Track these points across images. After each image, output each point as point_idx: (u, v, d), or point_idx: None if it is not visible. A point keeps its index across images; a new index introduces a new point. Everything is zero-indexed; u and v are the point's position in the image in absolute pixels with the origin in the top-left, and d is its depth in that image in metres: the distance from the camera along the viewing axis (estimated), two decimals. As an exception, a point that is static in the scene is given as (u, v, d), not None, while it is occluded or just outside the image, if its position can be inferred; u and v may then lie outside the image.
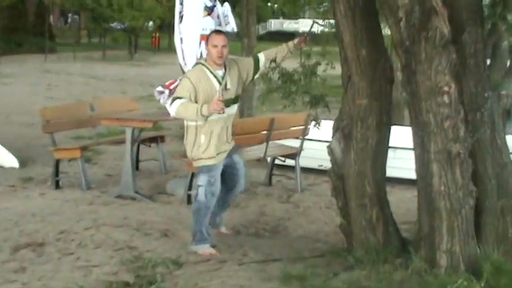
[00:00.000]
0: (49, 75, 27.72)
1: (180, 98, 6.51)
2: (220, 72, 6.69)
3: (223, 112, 6.44)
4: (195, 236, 6.79)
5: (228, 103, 6.58)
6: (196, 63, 6.94)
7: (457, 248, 5.23)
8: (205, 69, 6.66)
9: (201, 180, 6.71)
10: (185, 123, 6.79)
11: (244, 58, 7.31)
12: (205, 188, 6.68)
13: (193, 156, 6.75)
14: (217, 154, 6.70)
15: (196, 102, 6.51)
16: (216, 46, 6.63)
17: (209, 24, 8.72)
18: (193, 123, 6.63)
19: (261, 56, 7.11)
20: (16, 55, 36.33)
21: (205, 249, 6.75)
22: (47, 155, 10.53)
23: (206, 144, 6.63)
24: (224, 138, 6.78)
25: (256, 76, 7.09)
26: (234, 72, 6.82)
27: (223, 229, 7.43)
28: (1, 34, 35.60)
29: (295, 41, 7.16)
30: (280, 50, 7.17)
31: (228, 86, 6.70)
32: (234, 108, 6.91)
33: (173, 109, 6.55)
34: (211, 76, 6.62)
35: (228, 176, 6.97)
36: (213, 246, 6.78)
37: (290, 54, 7.15)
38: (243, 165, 7.16)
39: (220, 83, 6.62)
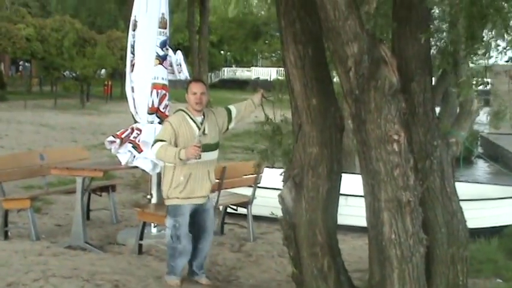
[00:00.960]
0: (-1, 124, 27.46)
1: (161, 140, 6.91)
2: (199, 119, 7.13)
3: (200, 157, 6.83)
4: (168, 268, 7.37)
5: (206, 148, 6.98)
6: (178, 110, 7.24)
7: (408, 296, 5.23)
8: (185, 115, 7.10)
9: (168, 222, 7.16)
10: (163, 164, 7.20)
11: (219, 108, 7.63)
12: (171, 231, 7.12)
13: (168, 195, 7.07)
14: (194, 197, 7.12)
15: (176, 145, 6.91)
16: (195, 93, 7.10)
17: (161, 73, 8.75)
18: (171, 165, 7.00)
19: (232, 108, 7.59)
20: (-35, 103, 35.98)
21: (172, 280, 7.30)
22: (-4, 205, 10.38)
23: (184, 185, 7.01)
24: (204, 183, 7.20)
25: (231, 126, 7.60)
26: (211, 120, 7.25)
27: (202, 279, 7.55)
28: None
29: (255, 98, 7.65)
30: (247, 105, 7.66)
31: (207, 132, 7.12)
32: (214, 155, 7.30)
33: (154, 151, 6.95)
34: (191, 122, 7.07)
35: (197, 222, 7.34)
36: None
37: (255, 109, 7.67)
38: (213, 212, 7.64)
39: (199, 129, 7.05)
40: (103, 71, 47.95)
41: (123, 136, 8.63)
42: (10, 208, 9.46)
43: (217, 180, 9.16)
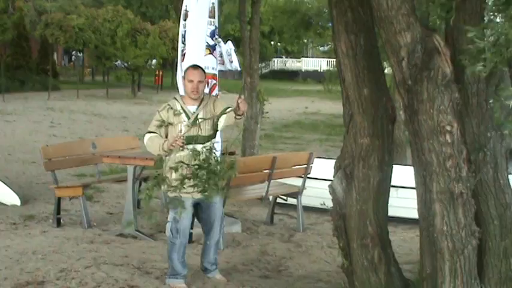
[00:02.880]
0: (52, 113, 27.79)
1: (150, 132, 6.70)
2: (192, 108, 6.71)
3: (183, 148, 6.43)
4: (169, 270, 6.96)
5: (196, 140, 6.54)
6: (172, 98, 6.94)
7: (459, 289, 5.19)
8: (176, 103, 6.75)
9: (169, 216, 6.88)
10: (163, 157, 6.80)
11: (222, 102, 6.95)
12: (171, 224, 6.81)
13: (167, 188, 6.60)
14: (191, 192, 6.45)
15: (166, 136, 6.66)
16: (191, 81, 6.69)
17: (211, 62, 8.76)
18: (168, 157, 6.66)
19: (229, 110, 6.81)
20: (20, 93, 36.46)
21: (175, 284, 6.85)
22: (49, 192, 10.55)
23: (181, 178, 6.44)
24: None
25: (219, 128, 6.94)
26: (208, 111, 6.76)
27: (217, 276, 7.21)
28: (5, 72, 35.70)
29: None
30: (229, 115, 6.73)
31: (200, 121, 6.64)
32: (206, 146, 6.55)
33: (144, 143, 6.76)
34: (181, 111, 6.68)
35: (203, 218, 7.08)
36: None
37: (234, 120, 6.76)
38: (220, 207, 7.11)
39: (189, 118, 6.64)
40: (154, 61, 48.20)
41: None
42: (63, 196, 9.59)
43: (267, 171, 9.19)
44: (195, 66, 6.97)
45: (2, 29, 32.47)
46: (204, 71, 6.95)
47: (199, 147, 6.42)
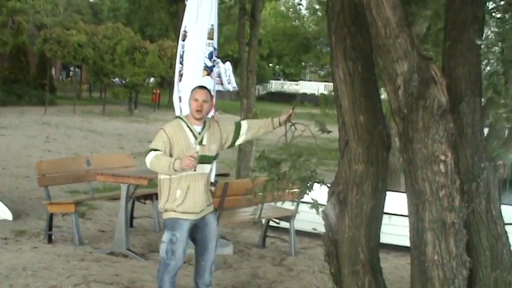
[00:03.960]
0: (48, 128, 27.80)
1: (155, 150, 6.44)
2: (197, 128, 6.63)
3: (195, 169, 6.39)
4: None
5: (202, 160, 6.50)
6: (175, 117, 6.85)
7: (450, 319, 5.17)
8: (182, 122, 6.62)
9: (165, 236, 6.62)
10: (159, 176, 6.65)
11: (227, 122, 7.08)
12: (167, 245, 6.59)
13: (165, 208, 6.59)
14: (192, 213, 6.56)
15: (171, 155, 6.45)
16: (196, 100, 6.60)
17: (208, 83, 8.74)
18: (167, 177, 6.54)
19: (244, 124, 7.02)
20: (16, 107, 36.49)
21: None
22: (41, 208, 10.53)
23: (182, 199, 6.51)
24: (202, 197, 6.65)
25: (238, 143, 7.01)
26: (213, 131, 6.75)
27: None
28: (2, 85, 35.75)
29: (281, 117, 7.02)
30: (264, 125, 7.05)
31: (204, 143, 6.61)
32: (209, 167, 6.75)
33: (147, 160, 6.45)
34: (187, 130, 6.57)
35: (197, 238, 6.86)
36: None
37: (273, 130, 7.10)
38: (216, 228, 7.00)
39: (196, 138, 6.58)
40: (152, 79, 48.28)
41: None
42: (55, 212, 9.58)
43: (260, 193, 9.18)
44: (202, 87, 6.90)
45: (1, 42, 32.50)
46: (210, 92, 6.91)
47: (207, 167, 6.60)
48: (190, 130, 6.57)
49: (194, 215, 6.58)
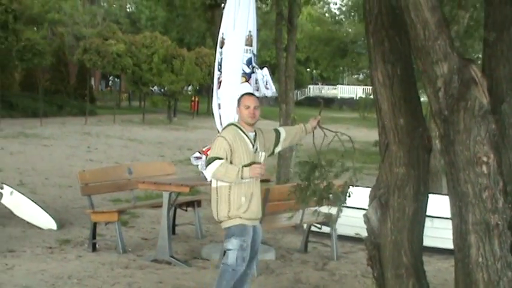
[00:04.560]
0: (89, 138, 28.06)
1: (218, 158, 6.37)
2: (252, 134, 6.67)
3: (262, 176, 6.53)
4: None
5: None
6: (228, 125, 6.82)
7: (495, 321, 5.14)
8: (238, 129, 6.61)
9: (233, 244, 6.53)
10: (214, 184, 6.58)
11: (267, 129, 7.10)
12: (237, 252, 6.51)
13: (229, 215, 6.50)
14: (254, 219, 6.64)
15: (231, 162, 6.43)
16: (248, 107, 6.64)
17: (247, 90, 8.78)
18: (226, 184, 6.48)
19: (282, 131, 7.09)
20: (57, 117, 36.87)
21: None
22: (85, 217, 10.64)
23: (247, 205, 6.50)
24: (260, 203, 6.75)
25: (277, 150, 7.05)
26: (261, 139, 6.78)
27: None
28: (43, 96, 36.16)
29: (310, 124, 7.19)
30: (299, 131, 7.17)
31: (258, 149, 6.68)
32: None
33: (212, 169, 6.37)
34: (245, 137, 6.58)
35: (250, 244, 6.78)
36: None
37: (306, 135, 7.19)
38: (261, 235, 7.05)
39: (253, 145, 6.61)
40: (190, 87, 48.48)
41: (208, 153, 8.69)
42: (98, 221, 9.67)
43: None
44: (250, 94, 7.05)
45: (39, 53, 32.87)
46: (257, 98, 6.97)
47: None
48: (247, 137, 6.60)
49: (256, 221, 6.68)
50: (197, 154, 8.79)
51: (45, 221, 10.86)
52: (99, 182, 10.01)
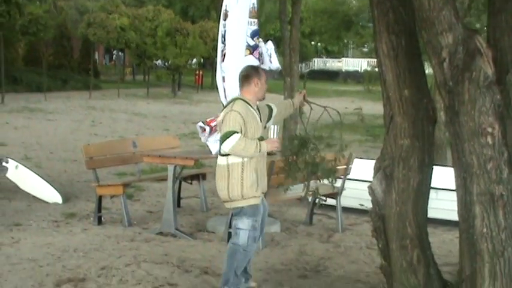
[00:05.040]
0: (93, 112, 28.07)
1: (235, 132, 6.23)
2: (256, 109, 6.65)
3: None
4: (228, 281, 6.52)
5: (261, 140, 6.50)
6: (235, 99, 6.61)
7: (499, 291, 5.16)
8: (247, 104, 6.51)
9: (245, 223, 6.41)
10: (224, 161, 6.42)
11: (262, 105, 6.93)
12: (249, 233, 6.42)
13: (243, 195, 6.36)
14: (263, 193, 6.59)
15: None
16: (266, 83, 6.66)
17: (251, 63, 8.75)
18: (240, 160, 6.34)
19: (274, 107, 7.03)
20: (61, 92, 36.88)
21: None
22: (90, 190, 10.66)
23: (257, 181, 6.41)
24: (265, 177, 6.72)
25: (267, 125, 6.86)
26: (261, 114, 6.76)
27: (252, 282, 6.93)
28: (47, 71, 36.14)
29: (295, 100, 7.13)
30: (287, 106, 7.16)
31: (266, 124, 6.70)
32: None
33: (231, 143, 6.20)
34: (254, 111, 6.53)
35: None
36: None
37: (294, 111, 7.21)
38: (268, 208, 7.02)
39: (260, 119, 6.60)
40: (194, 60, 48.39)
41: (212, 124, 8.68)
42: (104, 194, 9.69)
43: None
44: (263, 69, 7.04)
45: (43, 27, 32.80)
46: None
47: None
48: (254, 111, 6.54)
49: (262, 195, 6.57)
50: (201, 124, 8.77)
51: (50, 194, 10.89)
52: (104, 156, 10.02)
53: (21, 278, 6.87)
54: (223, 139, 6.25)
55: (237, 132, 6.23)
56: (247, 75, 6.68)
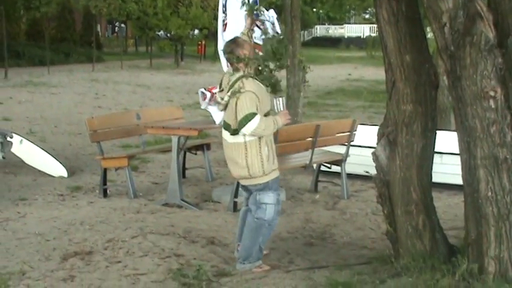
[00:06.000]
0: (97, 85, 28.03)
1: (255, 113, 6.12)
2: None
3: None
4: (250, 255, 6.46)
5: None
6: (242, 77, 6.33)
7: (505, 254, 5.17)
8: (254, 79, 6.37)
9: (271, 198, 6.35)
10: (241, 139, 6.26)
11: None
12: (275, 207, 6.38)
13: (264, 170, 6.27)
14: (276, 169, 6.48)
15: None
16: None
17: (254, 32, 8.71)
18: (254, 138, 6.24)
19: None
20: (64, 65, 36.82)
21: (259, 265, 6.52)
22: (95, 163, 10.68)
23: (273, 155, 6.38)
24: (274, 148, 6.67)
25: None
26: None
27: (264, 252, 6.81)
28: (49, 44, 36.06)
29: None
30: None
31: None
32: None
33: (253, 126, 6.10)
34: (262, 85, 6.39)
35: None
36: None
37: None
38: None
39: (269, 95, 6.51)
40: (196, 31, 48.22)
41: (213, 91, 8.65)
42: (109, 167, 9.70)
43: (310, 138, 9.20)
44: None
45: (46, 1, 32.71)
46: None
47: None
48: (260, 82, 6.41)
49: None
50: (203, 89, 8.75)
51: (55, 168, 10.91)
52: (108, 128, 10.01)
53: (28, 253, 6.91)
54: (244, 122, 6.13)
55: (256, 114, 6.13)
56: (231, 51, 6.54)
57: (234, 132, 6.29)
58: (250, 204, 6.46)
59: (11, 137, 10.94)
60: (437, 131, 6.00)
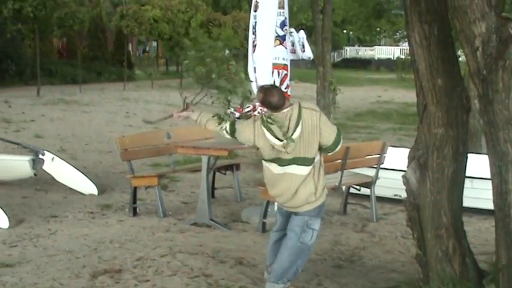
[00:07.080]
0: (127, 103, 28.19)
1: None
2: None
3: None
4: (284, 276, 6.32)
5: None
6: (299, 102, 6.28)
7: (536, 281, 5.13)
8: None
9: (319, 224, 6.31)
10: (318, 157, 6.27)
11: None
12: (317, 233, 6.34)
13: (323, 190, 6.30)
14: None
15: None
16: None
17: (281, 53, 8.75)
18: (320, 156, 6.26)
19: None
20: (96, 83, 37.08)
21: (288, 286, 6.40)
22: (125, 182, 10.75)
23: None
24: None
25: None
26: None
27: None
28: (82, 63, 36.35)
29: None
30: None
31: None
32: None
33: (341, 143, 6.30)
34: None
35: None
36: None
37: None
38: None
39: None
40: (227, 51, 48.45)
41: (242, 111, 8.66)
42: (139, 185, 9.75)
43: (339, 160, 9.18)
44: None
45: (79, 21, 32.99)
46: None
47: None
48: None
49: None
50: (232, 109, 8.78)
51: (86, 186, 10.99)
52: (139, 147, 10.08)
53: (58, 270, 6.96)
54: (339, 139, 6.25)
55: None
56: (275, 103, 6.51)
57: (312, 161, 6.16)
58: (294, 227, 6.25)
59: (43, 155, 11.02)
60: (469, 154, 5.97)
